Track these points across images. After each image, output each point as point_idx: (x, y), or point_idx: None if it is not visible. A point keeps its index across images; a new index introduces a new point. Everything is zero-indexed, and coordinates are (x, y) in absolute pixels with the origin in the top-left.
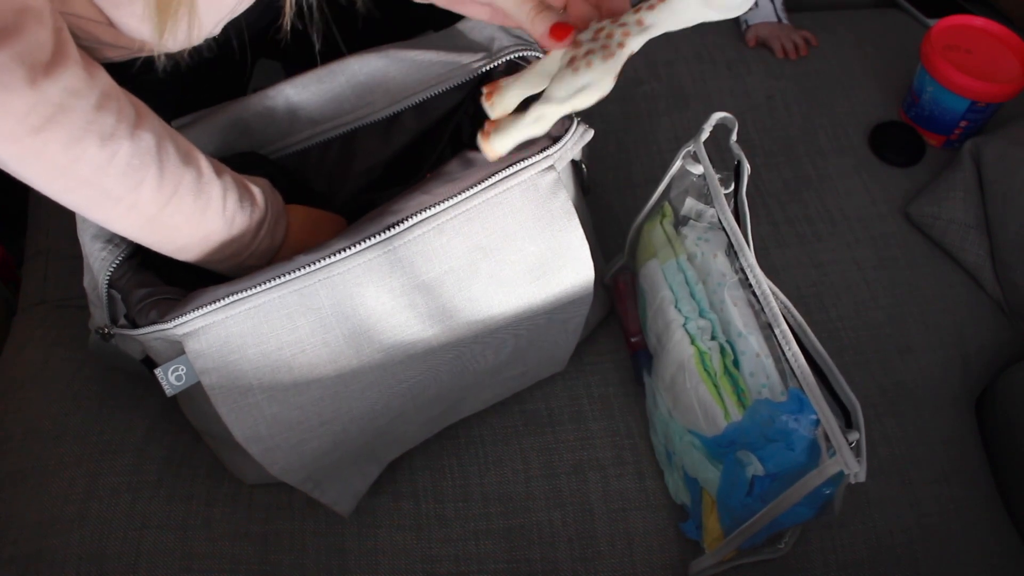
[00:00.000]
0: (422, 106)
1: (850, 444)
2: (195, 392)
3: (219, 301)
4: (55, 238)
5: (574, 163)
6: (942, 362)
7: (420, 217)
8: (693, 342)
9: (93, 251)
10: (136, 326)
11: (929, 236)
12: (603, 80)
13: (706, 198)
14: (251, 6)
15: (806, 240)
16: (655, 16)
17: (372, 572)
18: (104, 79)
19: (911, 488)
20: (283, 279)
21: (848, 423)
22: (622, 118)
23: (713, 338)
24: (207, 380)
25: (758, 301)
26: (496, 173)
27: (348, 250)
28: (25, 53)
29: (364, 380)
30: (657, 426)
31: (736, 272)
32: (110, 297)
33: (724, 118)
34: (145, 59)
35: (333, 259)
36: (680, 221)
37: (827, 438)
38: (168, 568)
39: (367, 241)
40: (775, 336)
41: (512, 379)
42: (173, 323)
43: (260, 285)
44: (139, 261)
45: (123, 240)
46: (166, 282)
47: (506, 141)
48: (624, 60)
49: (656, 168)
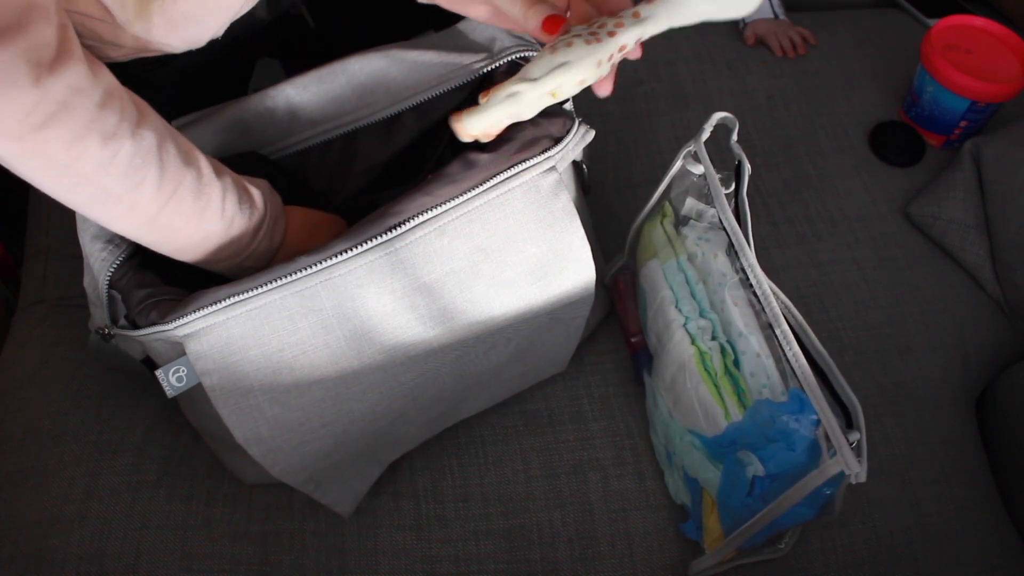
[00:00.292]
0: (423, 106)
1: (851, 444)
2: (196, 393)
3: (220, 302)
4: (55, 237)
5: (575, 163)
6: (942, 362)
7: (421, 219)
8: (694, 342)
9: (93, 251)
10: (136, 327)
11: (929, 236)
12: (582, 62)
13: (706, 198)
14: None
15: (806, 240)
16: (652, 9)
17: (372, 572)
18: (107, 78)
19: (911, 488)
20: (284, 280)
21: (849, 423)
22: (622, 118)
23: (714, 338)
24: (208, 381)
25: (759, 301)
26: (498, 174)
27: (349, 252)
28: (30, 50)
29: (365, 381)
30: (657, 426)
31: (737, 272)
32: (110, 297)
33: (724, 118)
34: (147, 59)
35: (334, 261)
36: (680, 221)
37: (828, 438)
38: (168, 568)
39: (368, 243)
40: (776, 336)
41: (513, 380)
42: (174, 324)
43: (261, 286)
44: (139, 261)
45: (123, 240)
46: (166, 283)
47: (479, 120)
48: (611, 49)
49: (656, 168)
